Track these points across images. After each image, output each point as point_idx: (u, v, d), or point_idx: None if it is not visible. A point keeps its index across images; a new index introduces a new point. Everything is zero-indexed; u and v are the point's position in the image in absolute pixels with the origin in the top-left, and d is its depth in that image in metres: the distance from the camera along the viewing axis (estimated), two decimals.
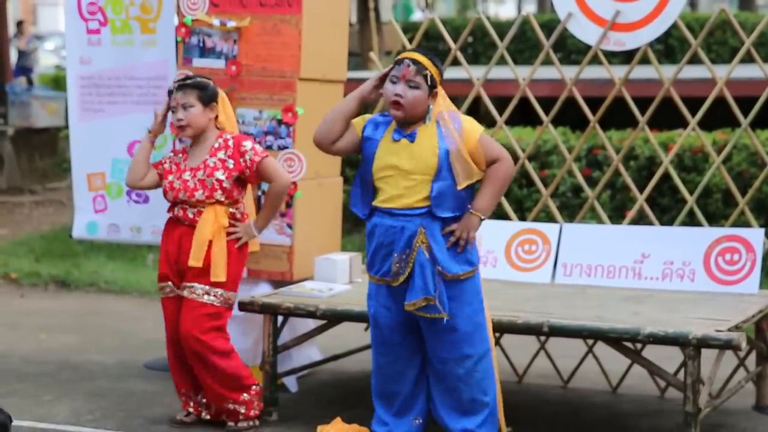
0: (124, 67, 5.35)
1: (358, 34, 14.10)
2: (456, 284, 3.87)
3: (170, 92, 4.44)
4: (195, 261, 4.33)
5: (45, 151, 11.87)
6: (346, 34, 5.25)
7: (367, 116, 4.00)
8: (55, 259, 8.17)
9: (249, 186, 4.53)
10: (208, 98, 4.40)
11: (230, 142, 4.39)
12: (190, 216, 4.38)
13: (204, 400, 4.53)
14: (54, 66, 18.99)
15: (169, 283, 4.46)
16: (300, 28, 4.85)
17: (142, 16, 5.30)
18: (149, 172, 4.51)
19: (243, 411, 4.46)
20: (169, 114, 4.51)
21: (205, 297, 4.35)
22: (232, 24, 4.93)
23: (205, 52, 4.99)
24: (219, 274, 4.33)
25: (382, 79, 3.90)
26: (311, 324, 4.86)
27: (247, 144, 4.39)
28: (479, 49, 14.12)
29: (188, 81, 4.40)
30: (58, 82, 14.31)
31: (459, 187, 3.83)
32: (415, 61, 3.83)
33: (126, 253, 8.19)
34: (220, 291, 4.36)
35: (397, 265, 3.87)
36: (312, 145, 4.97)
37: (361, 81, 10.80)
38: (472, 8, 29.61)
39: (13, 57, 14.52)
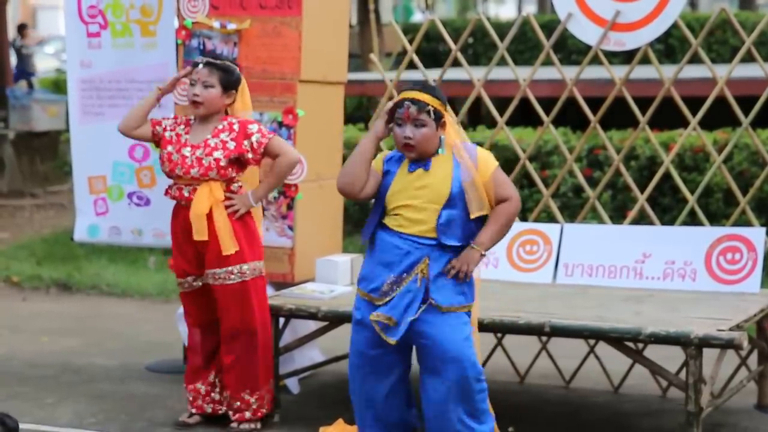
0: (125, 70, 5.36)
1: (358, 36, 14.10)
2: (450, 315, 3.83)
3: (195, 64, 4.42)
4: (199, 235, 4.33)
5: (46, 155, 11.88)
6: (347, 36, 5.25)
7: (384, 153, 3.98)
8: (57, 262, 8.17)
9: (250, 176, 4.51)
10: (230, 84, 4.40)
11: (235, 126, 4.39)
12: (186, 195, 4.40)
13: (216, 393, 4.52)
14: (54, 69, 18.99)
15: (189, 278, 4.47)
16: (300, 30, 4.85)
17: (143, 19, 5.31)
18: (144, 125, 4.50)
19: (254, 407, 4.46)
20: (170, 95, 4.50)
21: (231, 278, 4.36)
22: (232, 26, 4.93)
23: (204, 55, 4.98)
24: (228, 246, 4.33)
25: (391, 114, 3.89)
26: (313, 325, 4.87)
27: (254, 127, 4.39)
28: (480, 50, 14.13)
29: (217, 61, 4.40)
30: (58, 86, 14.31)
31: (472, 216, 3.80)
32: (413, 101, 3.81)
33: (127, 255, 8.20)
34: (244, 266, 4.37)
35: (388, 286, 3.85)
36: (312, 146, 5.00)
37: (362, 82, 10.71)
38: (472, 9, 29.62)
39: (13, 61, 14.51)
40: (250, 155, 4.37)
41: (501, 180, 3.86)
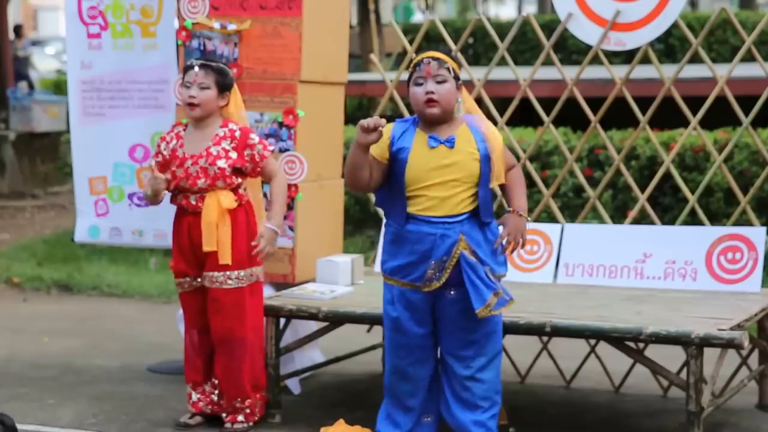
0: (125, 71, 5.36)
1: (358, 36, 14.09)
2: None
3: (187, 68, 4.43)
4: (208, 246, 4.34)
5: (46, 156, 11.88)
6: (347, 36, 5.26)
7: (388, 132, 3.85)
8: (58, 263, 8.17)
9: (252, 180, 4.52)
10: (225, 86, 4.42)
11: (237, 133, 4.39)
12: (193, 203, 4.39)
13: (216, 395, 4.53)
14: (55, 70, 19.00)
15: (187, 278, 4.47)
16: (300, 30, 4.85)
17: (143, 20, 5.31)
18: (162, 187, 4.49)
19: (248, 412, 4.48)
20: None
21: (229, 282, 4.37)
22: (232, 27, 4.94)
23: (205, 55, 4.99)
24: (225, 257, 4.34)
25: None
26: (313, 326, 4.87)
27: (255, 137, 4.40)
28: (480, 50, 14.13)
29: (212, 63, 4.41)
30: (59, 87, 14.32)
31: (491, 185, 3.86)
32: (434, 58, 3.84)
33: (128, 256, 8.20)
34: (242, 272, 4.38)
35: (432, 271, 3.83)
36: (313, 146, 5.00)
37: (362, 83, 10.70)
38: (472, 9, 29.63)
39: None
40: (249, 167, 4.39)
41: (506, 151, 3.98)
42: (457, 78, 3.86)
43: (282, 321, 4.65)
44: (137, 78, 5.35)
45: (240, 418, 4.48)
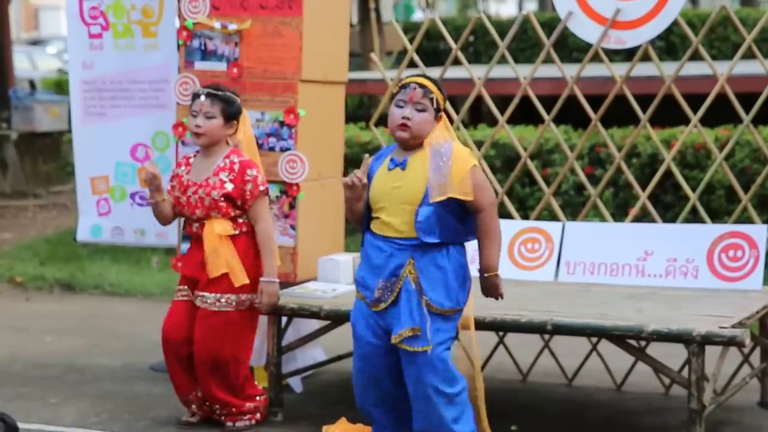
0: (126, 71, 5.37)
1: (359, 35, 14.08)
2: (438, 318, 3.85)
3: (194, 96, 4.45)
4: (216, 271, 4.35)
5: (48, 155, 11.89)
6: (347, 35, 5.26)
7: (369, 162, 3.96)
8: (60, 263, 8.18)
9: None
10: (231, 115, 4.44)
11: (236, 166, 4.41)
12: (194, 230, 4.45)
13: (207, 404, 4.54)
14: (57, 70, 19.00)
15: (186, 286, 4.48)
16: (301, 29, 4.85)
17: (144, 20, 5.32)
18: (168, 205, 4.52)
19: (248, 416, 4.49)
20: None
21: (217, 305, 4.38)
22: (233, 27, 4.94)
23: (206, 55, 5.00)
24: (240, 278, 4.35)
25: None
26: (315, 325, 4.87)
27: (252, 172, 4.40)
28: (480, 49, 14.12)
29: (218, 92, 4.43)
30: (60, 86, 14.32)
31: (431, 200, 3.78)
32: (421, 85, 3.86)
33: (130, 255, 8.21)
34: (232, 297, 4.39)
35: (380, 291, 3.88)
36: (314, 146, 5.01)
37: (363, 81, 10.69)
38: (472, 7, 29.60)
39: None
40: (240, 202, 4.39)
41: (479, 182, 3.83)
42: (438, 110, 3.86)
43: (284, 320, 4.66)
44: (138, 78, 5.35)
45: (240, 417, 4.48)
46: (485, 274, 3.90)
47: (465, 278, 3.91)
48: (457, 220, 3.85)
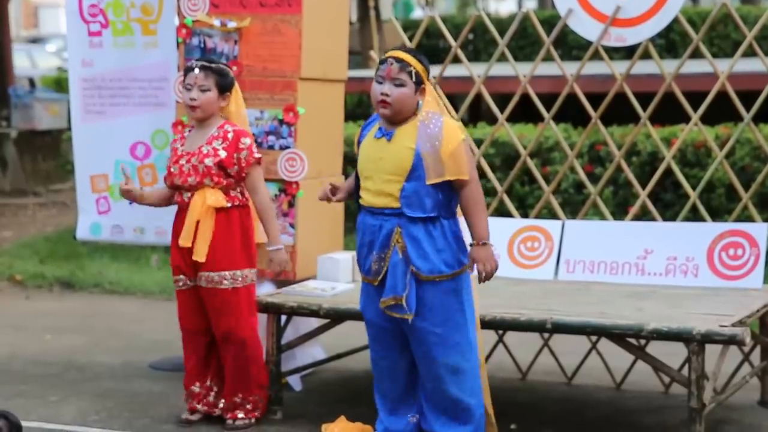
0: (126, 69, 5.36)
1: (358, 33, 14.09)
2: (431, 285, 3.85)
3: (187, 70, 4.43)
4: (184, 241, 4.36)
5: (48, 153, 11.88)
6: (347, 33, 5.25)
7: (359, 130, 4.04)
8: (60, 261, 8.18)
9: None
10: (225, 87, 4.43)
11: (230, 135, 4.40)
12: (185, 200, 4.43)
13: (212, 396, 4.53)
14: (56, 68, 18.98)
15: (182, 276, 4.47)
16: (300, 27, 4.85)
17: (143, 17, 5.31)
18: (165, 191, 4.54)
19: (248, 408, 4.48)
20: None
21: (224, 283, 4.37)
22: (232, 24, 4.93)
23: (206, 52, 4.99)
24: (200, 253, 4.35)
25: (324, 199, 4.05)
26: (314, 323, 4.87)
27: (246, 141, 4.39)
28: (480, 46, 14.10)
29: (212, 65, 4.42)
30: (60, 84, 14.30)
31: (427, 182, 3.80)
32: (398, 59, 3.85)
33: (130, 254, 8.20)
34: (237, 273, 4.38)
35: (376, 264, 3.90)
36: (313, 144, 5.00)
37: (362, 79, 10.73)
38: (472, 5, 29.57)
39: None
40: (235, 168, 4.38)
41: (463, 156, 3.82)
42: (418, 82, 3.85)
43: (283, 318, 4.65)
44: (138, 76, 5.35)
45: (240, 414, 4.48)
46: (481, 243, 3.85)
47: (459, 243, 3.88)
48: (443, 194, 3.85)
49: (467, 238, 3.93)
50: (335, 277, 4.81)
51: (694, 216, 5.64)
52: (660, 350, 4.66)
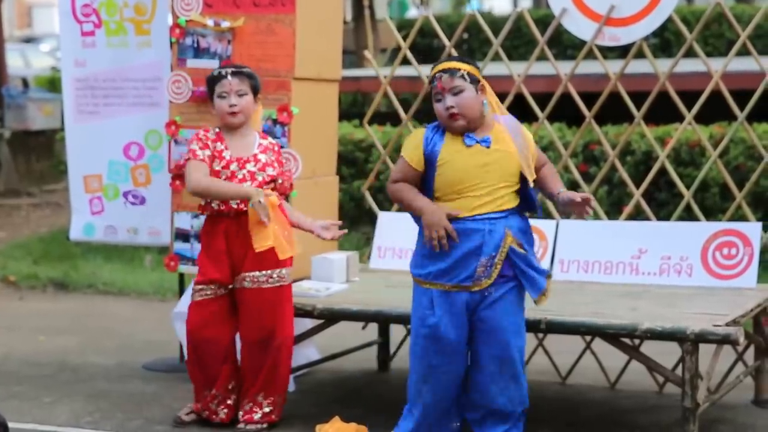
0: (119, 69, 5.35)
1: (353, 32, 14.07)
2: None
3: (214, 79, 4.40)
4: (261, 243, 4.26)
5: (42, 154, 11.85)
6: (341, 33, 5.25)
7: (420, 137, 3.90)
8: (53, 261, 8.16)
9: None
10: (258, 90, 4.47)
11: (276, 148, 4.47)
12: (234, 206, 4.33)
13: (217, 403, 4.47)
14: (50, 68, 18.95)
15: (212, 285, 4.39)
16: (294, 27, 4.84)
17: (136, 17, 5.30)
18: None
19: (266, 411, 4.41)
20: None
21: (270, 281, 4.36)
22: (226, 24, 4.92)
23: (199, 52, 4.98)
24: (285, 250, 4.31)
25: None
26: (309, 323, 4.86)
27: (292, 165, 4.58)
28: (474, 46, 14.11)
29: (243, 69, 4.44)
30: (53, 84, 14.27)
31: (530, 180, 3.87)
32: (444, 70, 3.83)
33: (124, 254, 8.19)
34: (283, 271, 4.38)
35: (482, 269, 3.83)
36: (307, 144, 4.99)
37: (357, 79, 10.68)
38: (467, 4, 29.56)
39: None
40: (280, 181, 4.44)
41: (537, 149, 4.01)
42: (475, 81, 3.84)
43: None
44: (131, 76, 5.34)
45: (256, 417, 4.42)
46: (562, 191, 3.92)
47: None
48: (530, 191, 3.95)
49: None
50: (329, 277, 4.80)
51: (688, 215, 5.64)
52: (654, 350, 4.66)
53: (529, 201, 3.94)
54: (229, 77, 4.38)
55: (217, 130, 4.46)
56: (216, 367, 4.44)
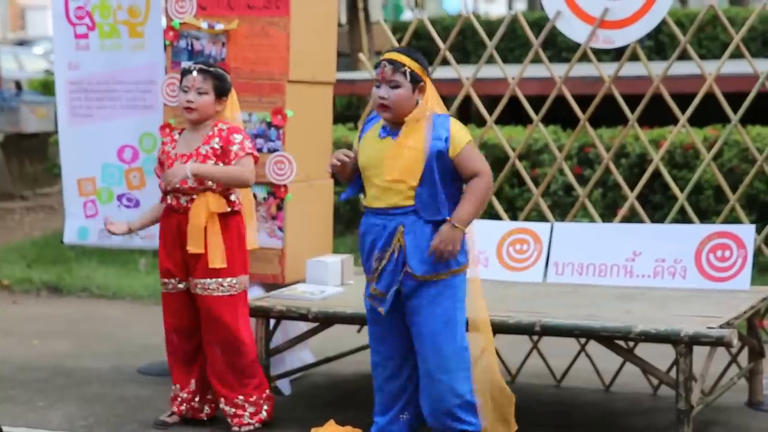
0: (113, 72, 5.34)
1: (347, 35, 14.05)
2: (429, 284, 3.87)
3: (184, 72, 4.42)
4: (194, 247, 4.31)
5: (35, 157, 11.82)
6: (335, 35, 5.24)
7: (364, 122, 4.06)
8: (47, 265, 8.14)
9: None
10: (222, 91, 4.42)
11: (224, 132, 4.39)
12: (183, 204, 4.38)
13: (197, 399, 4.50)
14: (43, 71, 18.91)
15: (172, 280, 4.44)
16: (288, 30, 4.84)
17: (130, 20, 5.29)
18: (155, 210, 4.58)
19: (253, 410, 4.43)
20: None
21: (221, 290, 4.35)
22: (220, 27, 4.92)
23: (193, 55, 4.97)
24: (217, 260, 4.32)
25: (339, 167, 3.98)
26: (303, 327, 4.86)
27: (237, 137, 4.38)
28: (469, 48, 14.12)
29: (210, 68, 4.42)
30: (47, 87, 14.23)
31: (441, 184, 3.82)
32: (390, 61, 3.85)
33: (118, 258, 8.17)
34: (234, 280, 4.37)
35: (377, 262, 3.91)
36: (302, 146, 4.99)
37: (351, 82, 10.70)
38: (406, 9, 29.56)
39: None
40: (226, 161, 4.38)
41: (472, 155, 3.84)
42: (415, 81, 3.84)
43: (272, 322, 4.64)
44: (125, 78, 5.33)
45: (246, 419, 4.43)
46: (451, 222, 3.79)
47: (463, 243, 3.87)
48: (446, 191, 3.83)
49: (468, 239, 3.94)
50: (324, 280, 4.80)
51: (683, 218, 5.65)
52: (648, 352, 4.67)
53: (422, 204, 3.81)
54: (194, 73, 4.38)
55: (173, 122, 4.52)
56: (188, 359, 4.48)
